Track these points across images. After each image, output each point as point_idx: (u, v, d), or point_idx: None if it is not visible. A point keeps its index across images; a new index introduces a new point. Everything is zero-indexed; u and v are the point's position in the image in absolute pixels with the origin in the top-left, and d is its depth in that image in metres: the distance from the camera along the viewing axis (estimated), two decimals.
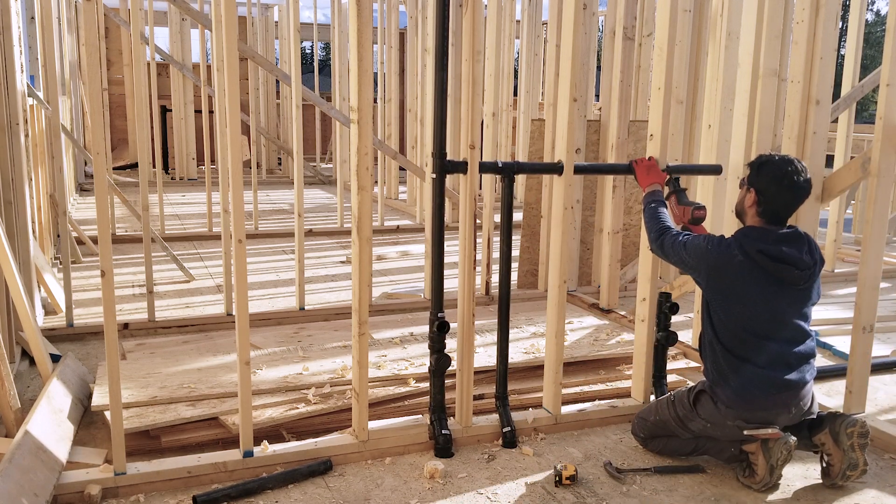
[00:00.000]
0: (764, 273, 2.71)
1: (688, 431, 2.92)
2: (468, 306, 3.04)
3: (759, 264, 2.70)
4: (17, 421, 2.98)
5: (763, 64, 3.52)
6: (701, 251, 2.80)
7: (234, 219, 2.69)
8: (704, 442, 2.92)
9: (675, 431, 2.96)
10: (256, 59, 6.14)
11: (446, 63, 2.90)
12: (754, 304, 2.72)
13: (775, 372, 2.71)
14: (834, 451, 2.72)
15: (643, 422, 3.09)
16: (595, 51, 5.48)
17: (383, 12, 9.23)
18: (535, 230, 5.46)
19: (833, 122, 5.72)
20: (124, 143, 13.10)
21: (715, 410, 2.78)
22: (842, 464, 2.71)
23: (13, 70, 4.06)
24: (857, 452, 2.70)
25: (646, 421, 3.07)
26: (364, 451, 2.94)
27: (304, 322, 4.52)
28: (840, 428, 2.71)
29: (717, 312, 2.80)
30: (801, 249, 2.73)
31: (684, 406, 2.90)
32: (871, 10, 29.61)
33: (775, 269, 2.69)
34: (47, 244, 5.64)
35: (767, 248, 2.70)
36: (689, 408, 2.88)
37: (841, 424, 2.71)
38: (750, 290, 2.72)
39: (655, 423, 3.03)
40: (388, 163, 9.56)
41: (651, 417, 3.05)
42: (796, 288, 2.74)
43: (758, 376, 2.71)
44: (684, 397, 2.92)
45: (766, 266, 2.70)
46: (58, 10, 8.27)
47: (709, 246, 2.79)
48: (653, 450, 3.06)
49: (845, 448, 2.70)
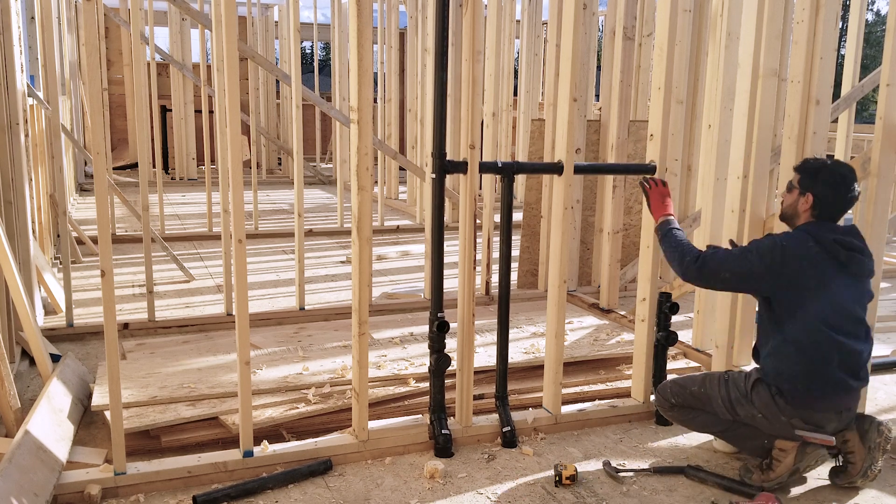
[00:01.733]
0: (837, 264, 2.71)
1: (731, 414, 2.85)
2: (468, 306, 3.04)
3: (832, 254, 2.70)
4: (17, 421, 2.99)
5: (763, 64, 3.52)
6: (774, 248, 2.74)
7: (234, 219, 2.69)
8: (739, 427, 2.88)
9: (715, 409, 2.89)
10: (256, 59, 6.14)
11: (446, 63, 2.90)
12: (829, 296, 2.69)
13: (846, 375, 2.68)
14: (858, 450, 2.72)
15: (680, 388, 2.98)
16: (595, 51, 5.48)
17: (383, 12, 9.23)
18: (535, 230, 5.46)
19: (833, 122, 5.72)
20: (124, 143, 13.11)
21: (772, 403, 2.73)
22: (864, 462, 2.72)
23: (13, 70, 4.06)
24: (877, 455, 2.72)
25: (685, 389, 2.97)
26: (364, 451, 2.94)
27: (304, 322, 4.52)
28: (870, 427, 2.73)
29: (790, 310, 2.73)
30: (863, 241, 2.79)
31: (739, 389, 2.83)
32: (871, 10, 29.61)
33: (848, 257, 2.70)
34: (47, 244, 5.64)
35: (841, 238, 2.72)
36: (744, 392, 2.81)
37: (871, 424, 2.73)
38: (828, 281, 2.69)
39: (697, 394, 2.93)
40: (388, 163, 9.56)
41: (693, 387, 2.95)
42: (861, 280, 2.76)
43: (827, 377, 2.67)
44: (741, 381, 2.84)
45: (838, 255, 2.70)
46: (58, 10, 8.27)
47: (783, 241, 2.75)
48: (674, 418, 3.02)
49: (872, 446, 2.71)
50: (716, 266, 2.82)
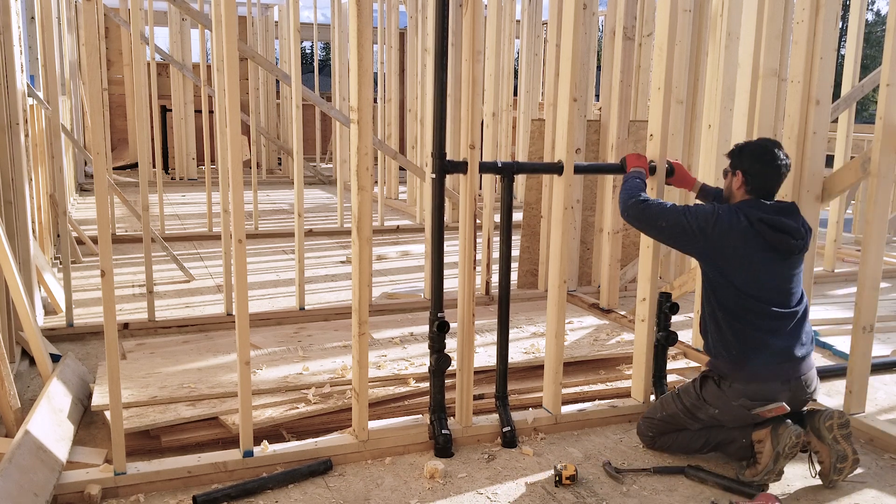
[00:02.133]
0: (764, 242, 2.79)
1: (696, 422, 2.93)
2: (468, 306, 3.04)
3: (759, 233, 2.79)
4: (17, 421, 2.99)
5: (763, 64, 3.52)
6: (709, 214, 2.86)
7: (234, 219, 2.69)
8: (715, 434, 2.92)
9: (684, 424, 2.97)
10: (256, 59, 6.13)
11: (446, 63, 2.90)
12: (756, 271, 2.79)
13: (776, 339, 2.76)
14: (820, 448, 2.76)
15: (650, 420, 3.09)
16: (595, 51, 5.48)
17: (383, 12, 9.23)
18: (535, 230, 5.46)
19: (833, 122, 5.71)
20: (124, 143, 13.11)
21: (719, 392, 2.82)
22: (830, 458, 2.73)
23: (13, 70, 4.06)
24: (842, 444, 2.73)
25: (652, 419, 3.08)
26: (364, 451, 2.94)
27: (304, 322, 4.52)
28: (819, 423, 2.75)
29: (719, 279, 2.84)
30: (797, 220, 2.85)
31: (690, 395, 2.93)
32: (871, 10, 29.60)
33: (774, 237, 2.79)
34: (47, 244, 5.64)
35: (768, 218, 2.80)
36: (695, 395, 2.91)
37: (819, 419, 2.76)
38: (753, 256, 2.79)
39: (663, 419, 3.04)
40: (388, 163, 9.56)
41: (658, 414, 3.06)
42: (791, 257, 2.83)
43: (758, 342, 2.76)
44: (689, 387, 2.96)
45: (765, 234, 2.79)
46: (58, 10, 8.27)
47: (719, 211, 2.86)
48: (661, 448, 3.06)
49: (829, 442, 2.73)
50: (657, 212, 2.96)
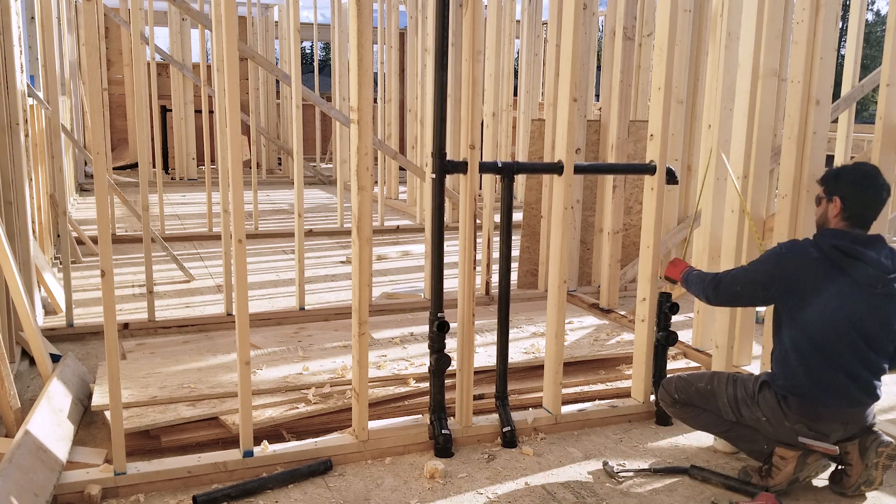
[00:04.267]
0: (839, 272, 2.65)
1: (735, 414, 2.85)
2: (468, 306, 3.04)
3: (833, 261, 2.65)
4: (17, 421, 2.99)
5: (763, 64, 3.52)
6: (774, 256, 2.77)
7: (234, 219, 2.69)
8: (742, 429, 2.87)
9: (719, 408, 2.89)
10: (256, 59, 6.14)
11: (446, 63, 2.90)
12: (831, 305, 2.63)
13: (850, 384, 2.65)
14: (856, 464, 2.69)
15: (686, 384, 2.99)
16: (595, 51, 5.48)
17: (383, 12, 9.23)
18: (535, 230, 5.46)
19: (833, 122, 5.71)
20: (124, 143, 13.10)
21: (777, 407, 2.72)
22: (859, 478, 2.69)
23: (13, 70, 4.06)
24: (878, 471, 2.67)
25: (690, 385, 2.97)
26: (364, 451, 2.94)
27: (304, 322, 4.52)
28: (870, 444, 2.68)
29: (794, 318, 2.71)
30: (879, 252, 2.67)
31: (746, 390, 2.83)
32: (871, 10, 29.61)
33: (847, 264, 2.63)
34: (47, 244, 5.64)
35: (842, 244, 2.65)
36: (751, 394, 2.81)
37: (872, 441, 2.68)
38: (826, 288, 2.64)
39: (702, 391, 2.93)
40: (388, 163, 9.56)
41: (700, 384, 2.95)
42: (873, 292, 2.64)
43: (834, 386, 2.65)
44: (749, 382, 2.85)
45: (838, 261, 2.64)
46: (58, 10, 8.27)
47: (782, 249, 2.77)
48: (676, 414, 3.02)
49: (869, 464, 2.67)
50: (729, 282, 2.87)
